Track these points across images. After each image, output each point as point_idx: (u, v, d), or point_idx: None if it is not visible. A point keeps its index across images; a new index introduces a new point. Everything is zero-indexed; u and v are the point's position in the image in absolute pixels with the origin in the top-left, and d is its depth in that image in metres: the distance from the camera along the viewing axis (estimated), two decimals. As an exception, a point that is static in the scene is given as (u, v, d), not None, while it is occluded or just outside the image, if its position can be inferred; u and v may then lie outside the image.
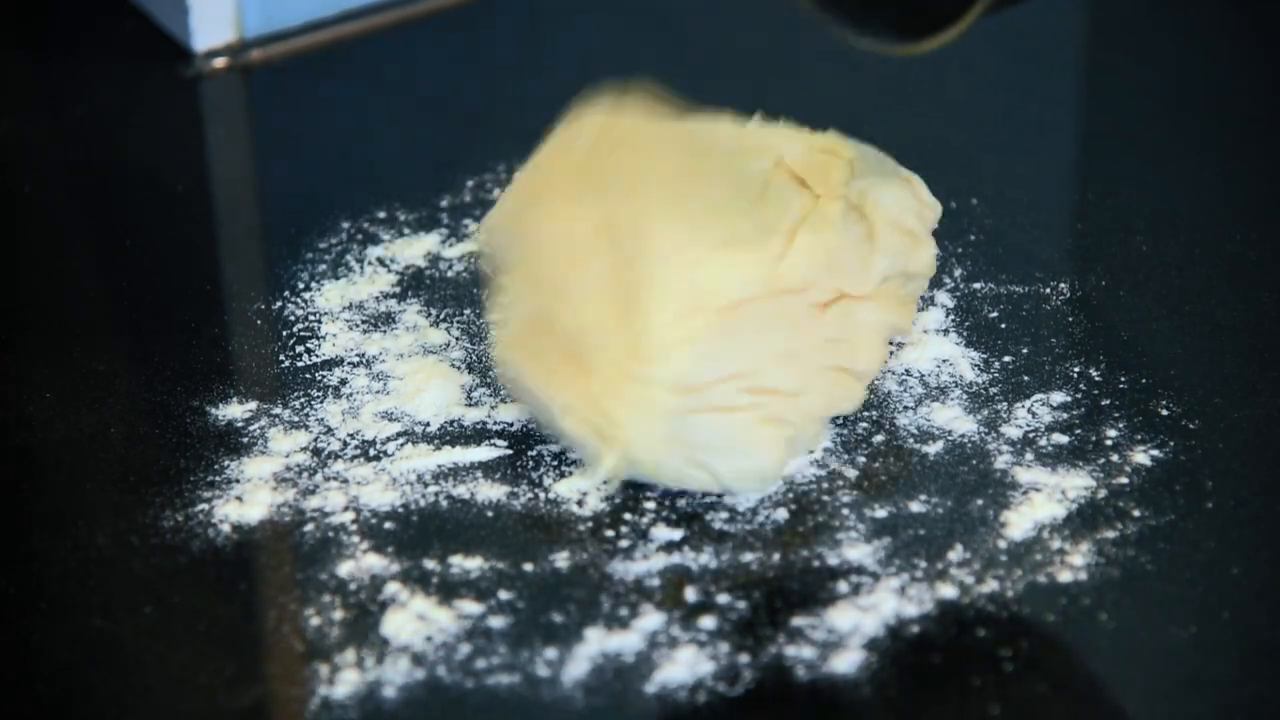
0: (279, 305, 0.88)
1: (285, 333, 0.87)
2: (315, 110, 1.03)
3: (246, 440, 0.81)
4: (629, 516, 0.77)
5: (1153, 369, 0.83)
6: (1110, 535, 0.76)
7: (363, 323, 0.87)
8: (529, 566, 0.75)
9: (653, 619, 0.73)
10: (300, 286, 0.89)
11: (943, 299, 0.87)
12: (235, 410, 0.82)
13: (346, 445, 0.81)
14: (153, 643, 0.73)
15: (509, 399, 0.81)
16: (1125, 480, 0.78)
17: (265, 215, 0.97)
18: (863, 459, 0.79)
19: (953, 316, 0.86)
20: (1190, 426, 0.80)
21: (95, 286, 0.90)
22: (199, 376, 0.84)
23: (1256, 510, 0.77)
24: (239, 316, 0.88)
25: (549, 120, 0.94)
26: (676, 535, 0.76)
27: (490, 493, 0.79)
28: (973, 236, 0.91)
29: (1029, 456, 0.79)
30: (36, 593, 0.75)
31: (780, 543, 0.76)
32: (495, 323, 0.81)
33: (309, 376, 0.84)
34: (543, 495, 0.78)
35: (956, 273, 0.89)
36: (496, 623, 0.73)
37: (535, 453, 0.80)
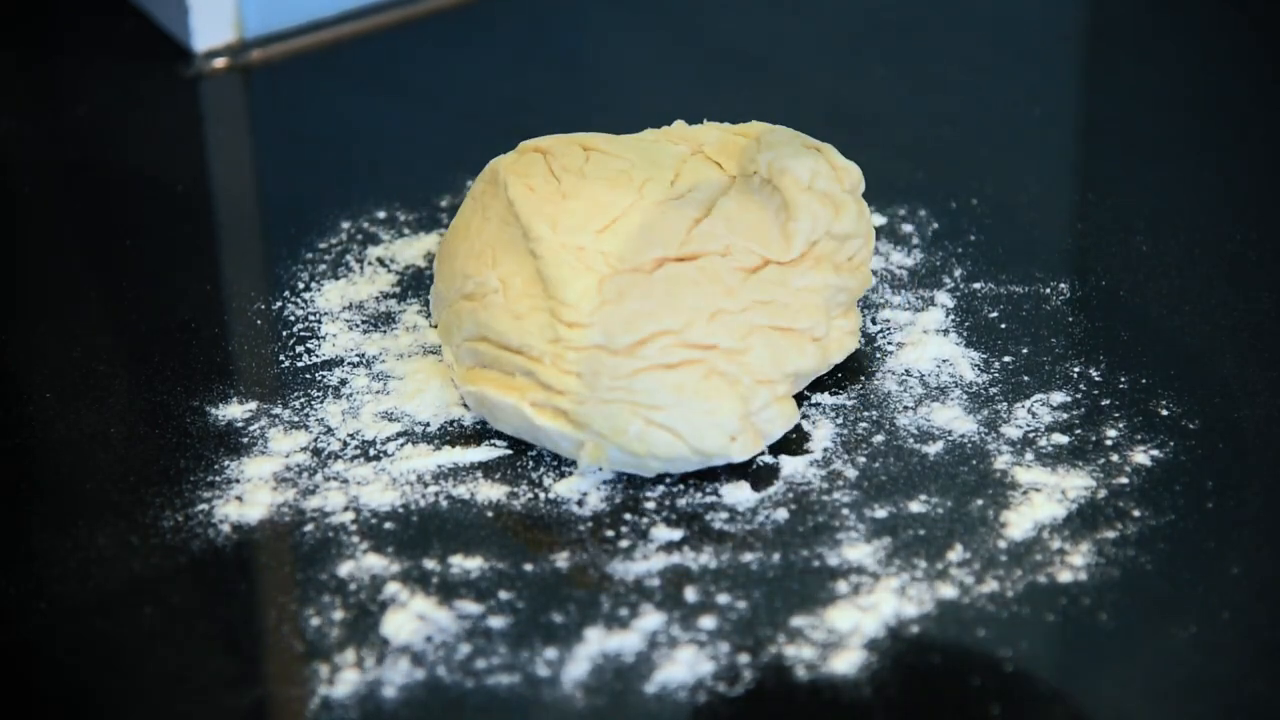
0: (279, 305, 0.88)
1: (285, 333, 0.87)
2: (315, 110, 1.03)
3: (246, 440, 0.81)
4: (629, 516, 0.77)
5: (1153, 369, 0.83)
6: (1110, 535, 0.76)
7: (363, 323, 0.87)
8: (529, 566, 0.75)
9: (653, 619, 0.73)
10: (300, 286, 0.89)
11: (943, 299, 0.87)
12: (235, 410, 0.82)
13: (346, 445, 0.81)
14: (153, 643, 0.73)
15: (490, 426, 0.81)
16: (1125, 480, 0.78)
17: (265, 215, 0.97)
18: (863, 459, 0.79)
19: (953, 316, 0.86)
20: (1190, 426, 0.80)
21: (95, 286, 0.90)
22: (199, 376, 0.84)
23: (1256, 510, 0.77)
24: (239, 316, 0.88)
25: (549, 120, 0.94)
26: (676, 535, 0.76)
27: (490, 493, 0.79)
28: (973, 236, 0.91)
29: (1029, 456, 0.79)
30: (36, 593, 0.75)
31: (780, 543, 0.76)
32: (447, 362, 0.82)
33: (309, 376, 0.84)
34: (543, 495, 0.78)
35: (956, 273, 0.89)
36: (496, 623, 0.73)
37: (535, 453, 0.80)
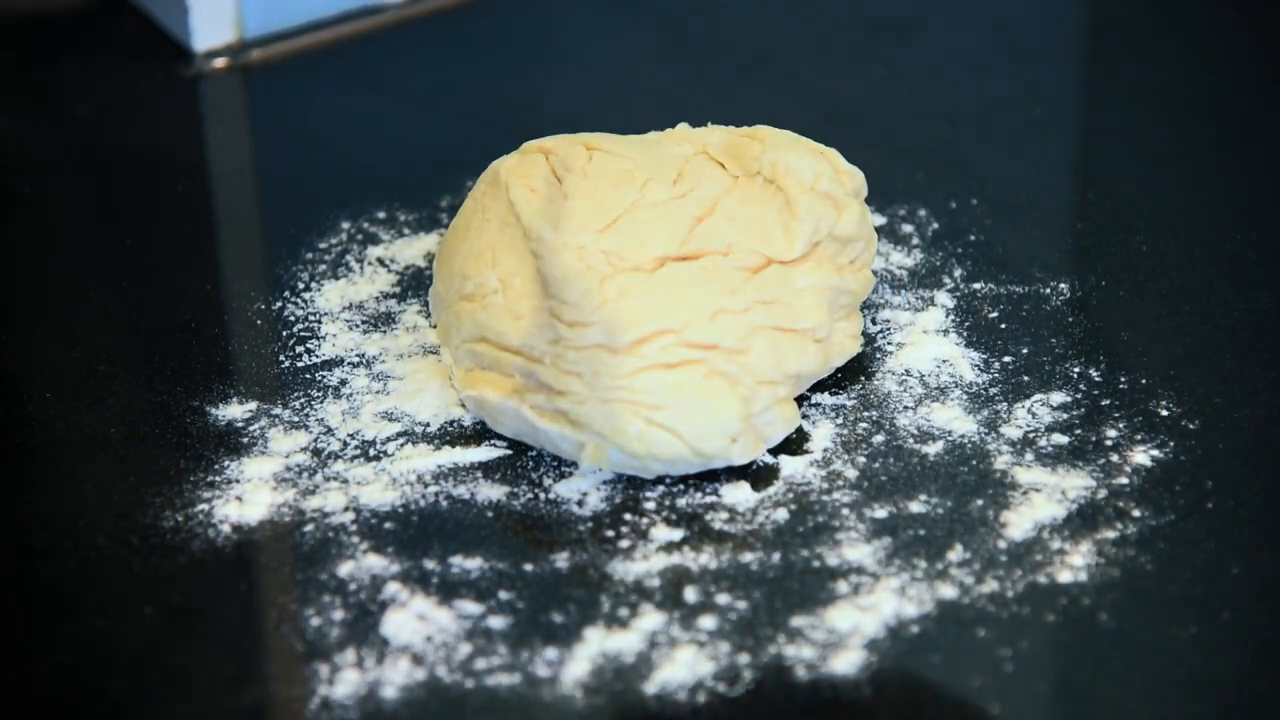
0: (279, 305, 0.88)
1: (285, 333, 0.87)
2: (315, 110, 1.03)
3: (246, 440, 0.81)
4: (629, 516, 0.77)
5: (1153, 369, 0.83)
6: (1110, 535, 0.76)
7: (363, 323, 0.87)
8: (529, 566, 0.75)
9: (653, 619, 0.73)
10: (300, 286, 0.89)
11: (943, 299, 0.87)
12: (235, 410, 0.82)
13: (346, 445, 0.81)
14: (153, 643, 0.73)
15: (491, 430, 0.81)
16: (1125, 480, 0.78)
17: (265, 215, 0.97)
18: (863, 459, 0.79)
19: (953, 316, 0.86)
20: (1190, 426, 0.80)
21: (95, 286, 0.90)
22: (199, 376, 0.84)
23: (1256, 510, 0.77)
24: (239, 316, 0.88)
25: (549, 120, 0.94)
26: (676, 535, 0.76)
27: (490, 493, 0.79)
28: (973, 236, 0.91)
29: (1029, 456, 0.79)
30: (36, 593, 0.75)
31: (780, 543, 0.76)
32: (446, 364, 0.82)
33: (309, 376, 0.84)
34: (543, 495, 0.78)
35: (956, 273, 0.89)
36: (496, 623, 0.73)
37: (535, 453, 0.80)
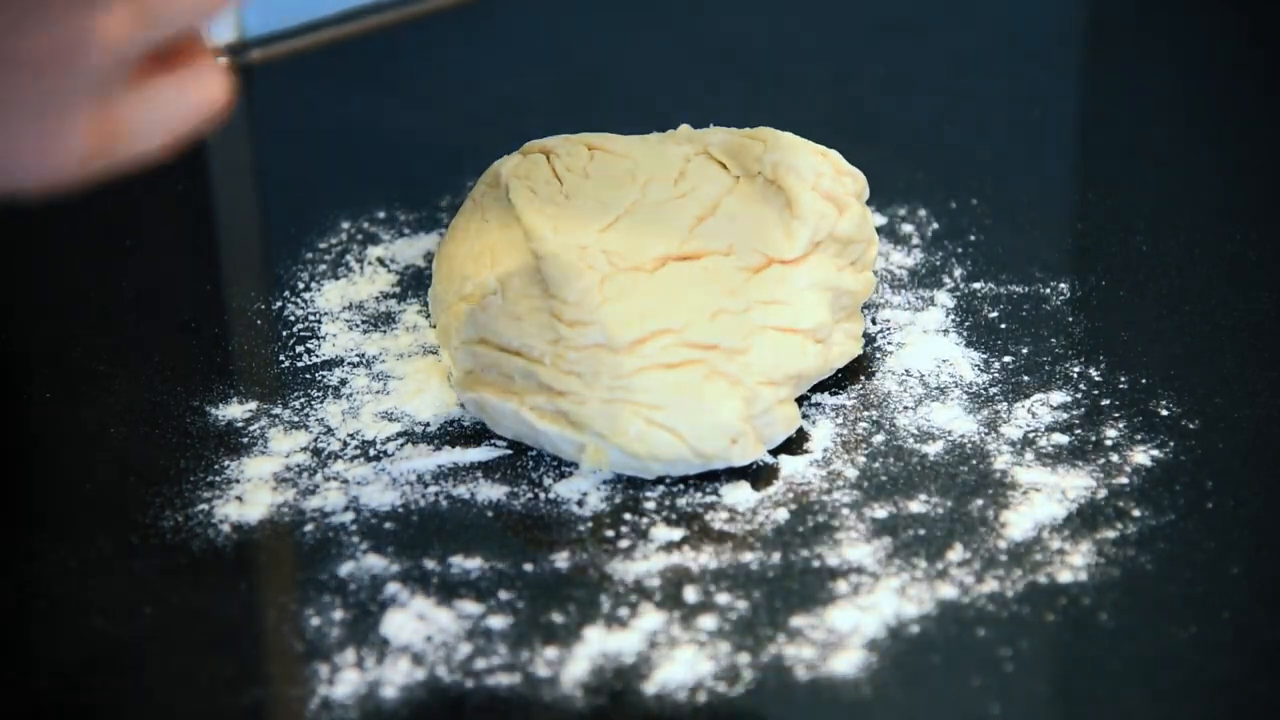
0: (279, 305, 0.88)
1: (285, 333, 0.87)
2: (315, 110, 1.03)
3: (246, 440, 0.81)
4: (629, 516, 0.77)
5: (1153, 369, 0.83)
6: (1110, 535, 0.76)
7: (363, 323, 0.87)
8: (529, 566, 0.75)
9: (653, 619, 0.73)
10: (300, 286, 0.89)
11: (943, 299, 0.87)
12: (235, 410, 0.82)
13: (346, 445, 0.81)
14: (153, 643, 0.73)
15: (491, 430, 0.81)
16: (1125, 480, 0.78)
17: (265, 215, 0.97)
18: (863, 459, 0.79)
19: (953, 316, 0.86)
20: (1190, 426, 0.80)
21: (95, 286, 0.90)
22: (199, 376, 0.84)
23: (1256, 510, 0.77)
24: (239, 316, 0.88)
25: (549, 120, 0.94)
26: (676, 535, 0.76)
27: (490, 493, 0.79)
28: (973, 236, 0.91)
29: (1029, 456, 0.79)
30: (36, 593, 0.75)
31: (780, 543, 0.76)
32: (446, 366, 0.82)
33: (309, 376, 0.84)
34: (543, 495, 0.78)
35: (956, 273, 0.89)
36: (496, 623, 0.73)
37: (535, 453, 0.80)
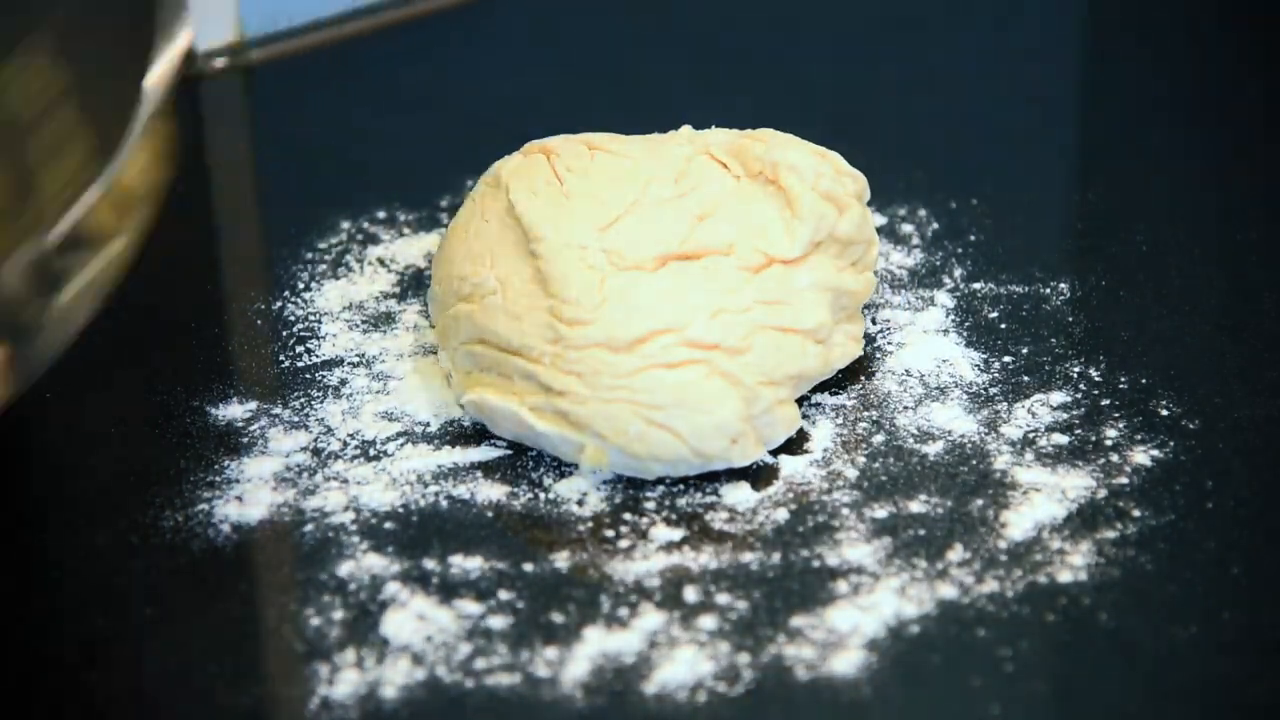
0: (279, 305, 0.88)
1: (285, 333, 0.87)
2: (315, 110, 1.03)
3: (246, 440, 0.81)
4: (629, 516, 0.77)
5: (1153, 369, 0.83)
6: (1110, 535, 0.76)
7: (363, 323, 0.87)
8: (529, 566, 0.75)
9: (653, 619, 0.73)
10: (300, 286, 0.89)
11: (943, 299, 0.87)
12: (235, 410, 0.82)
13: (346, 445, 0.81)
14: (153, 643, 0.73)
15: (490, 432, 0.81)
16: (1125, 480, 0.78)
17: (265, 215, 0.97)
18: (863, 459, 0.79)
19: (953, 316, 0.86)
20: (1190, 426, 0.80)
21: (95, 286, 0.90)
22: (199, 376, 0.84)
23: (1256, 510, 0.77)
24: (239, 316, 0.88)
25: (548, 120, 0.94)
26: (676, 535, 0.76)
27: (490, 493, 0.79)
28: (973, 236, 0.91)
29: (1029, 456, 0.79)
30: (36, 593, 0.75)
31: (780, 543, 0.76)
32: (444, 368, 0.83)
33: (309, 376, 0.84)
34: (543, 495, 0.78)
35: (956, 273, 0.89)
36: (496, 623, 0.73)
37: (535, 453, 0.80)
